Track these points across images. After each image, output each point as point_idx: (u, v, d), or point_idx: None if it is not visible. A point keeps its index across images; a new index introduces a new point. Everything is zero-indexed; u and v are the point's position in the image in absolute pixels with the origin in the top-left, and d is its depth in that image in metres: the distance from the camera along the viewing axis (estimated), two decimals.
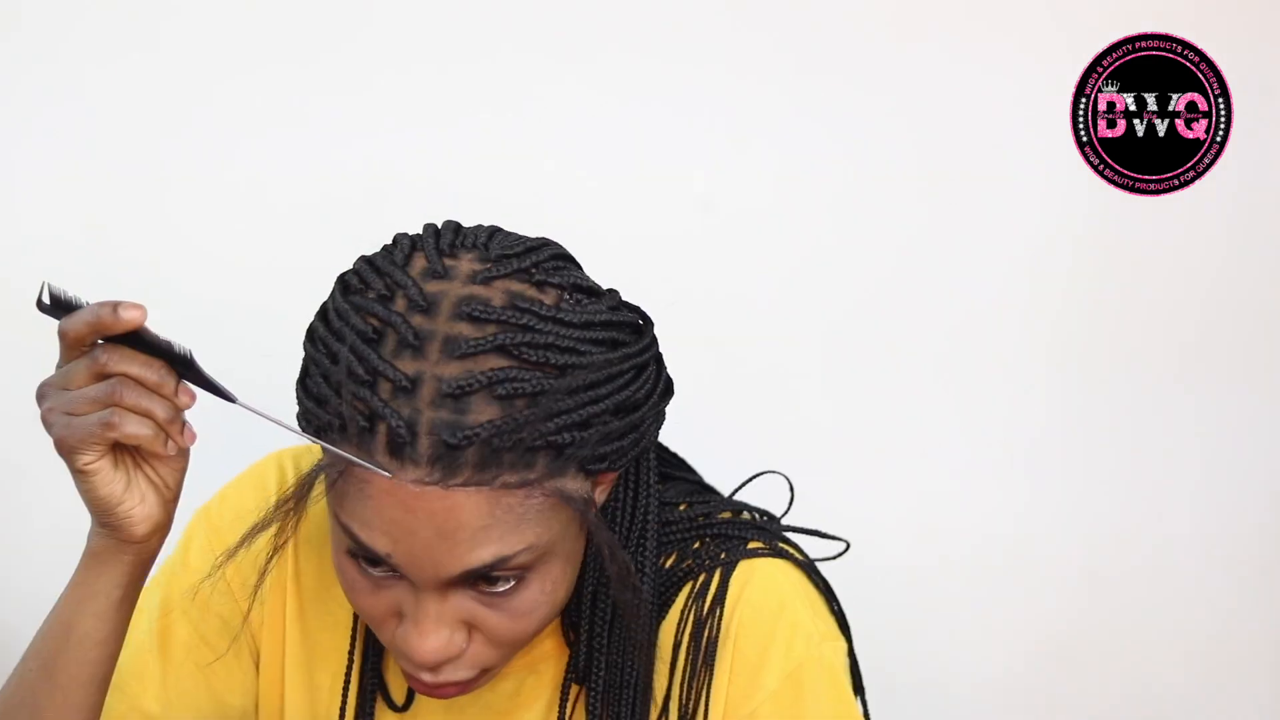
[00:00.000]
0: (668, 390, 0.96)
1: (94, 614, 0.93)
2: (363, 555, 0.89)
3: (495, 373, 0.84)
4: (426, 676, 0.93)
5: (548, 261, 0.91)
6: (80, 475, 0.88)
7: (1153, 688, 1.59)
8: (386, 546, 0.87)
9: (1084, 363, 1.53)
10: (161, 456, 0.89)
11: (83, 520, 1.54)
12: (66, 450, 0.87)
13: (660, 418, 0.96)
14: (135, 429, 0.85)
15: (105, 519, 0.90)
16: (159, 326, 0.84)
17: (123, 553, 0.92)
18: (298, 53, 1.47)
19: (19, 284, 1.49)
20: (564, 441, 0.86)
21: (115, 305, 0.83)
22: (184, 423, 0.88)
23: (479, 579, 0.89)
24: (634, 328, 0.94)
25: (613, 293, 0.94)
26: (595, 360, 0.88)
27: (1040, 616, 1.57)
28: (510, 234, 0.94)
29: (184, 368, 0.86)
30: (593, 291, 0.92)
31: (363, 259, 0.92)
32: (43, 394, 0.88)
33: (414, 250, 0.91)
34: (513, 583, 0.90)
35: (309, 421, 0.90)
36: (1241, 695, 1.59)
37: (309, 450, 1.10)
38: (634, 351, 0.92)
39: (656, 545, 1.01)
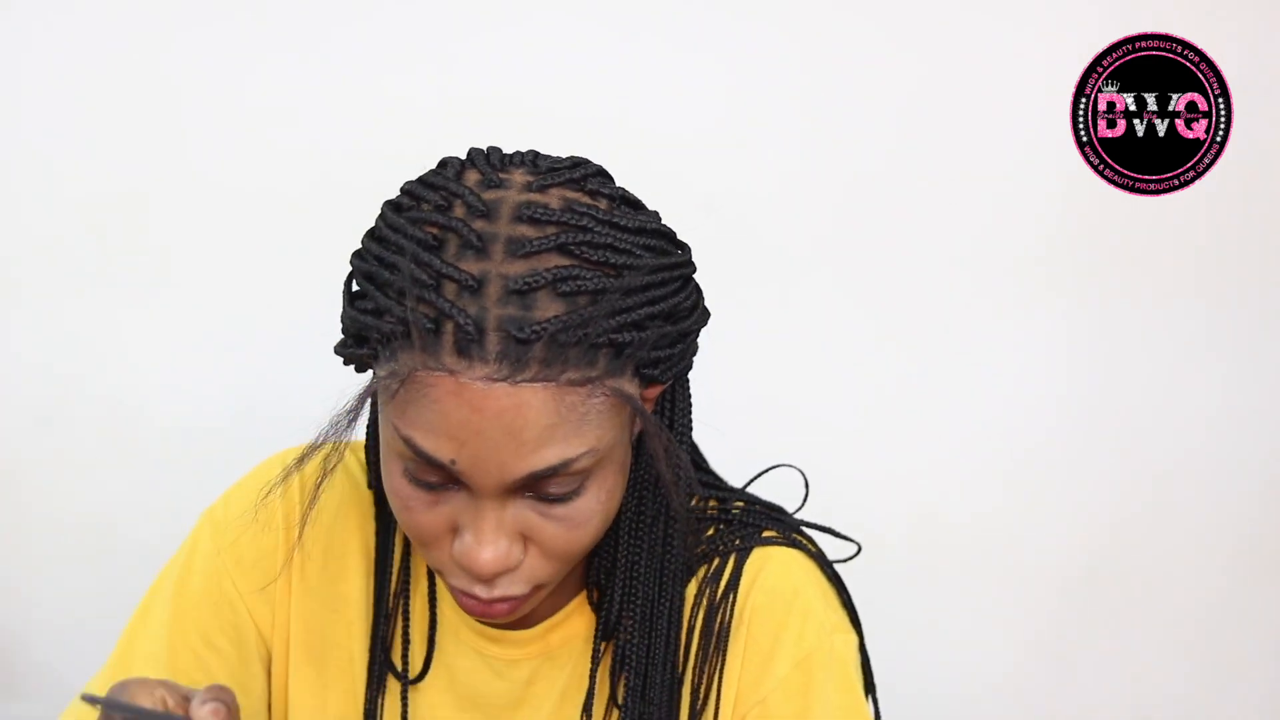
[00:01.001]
0: (706, 311, 0.97)
1: None
2: (420, 467, 0.89)
3: (559, 270, 0.86)
4: (481, 591, 0.92)
5: (594, 175, 0.93)
6: None
7: (1152, 686, 1.59)
8: (452, 451, 0.87)
9: (1084, 362, 1.53)
10: None
11: (84, 521, 1.55)
12: None
13: (696, 345, 0.97)
14: None
15: None
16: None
17: None
18: (295, 47, 1.47)
19: (19, 279, 1.49)
20: (624, 340, 0.87)
21: None
22: None
23: (538, 485, 0.89)
24: (676, 241, 0.95)
25: (654, 212, 0.96)
26: (649, 264, 0.90)
27: (1039, 615, 1.57)
28: (551, 155, 0.96)
29: None
30: (638, 205, 0.95)
31: (411, 182, 0.93)
32: None
33: (463, 169, 0.92)
34: (571, 490, 0.90)
35: (363, 340, 0.89)
36: (1240, 694, 1.59)
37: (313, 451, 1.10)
38: (681, 260, 0.93)
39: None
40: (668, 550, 1.01)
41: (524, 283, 0.85)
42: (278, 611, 1.07)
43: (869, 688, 1.08)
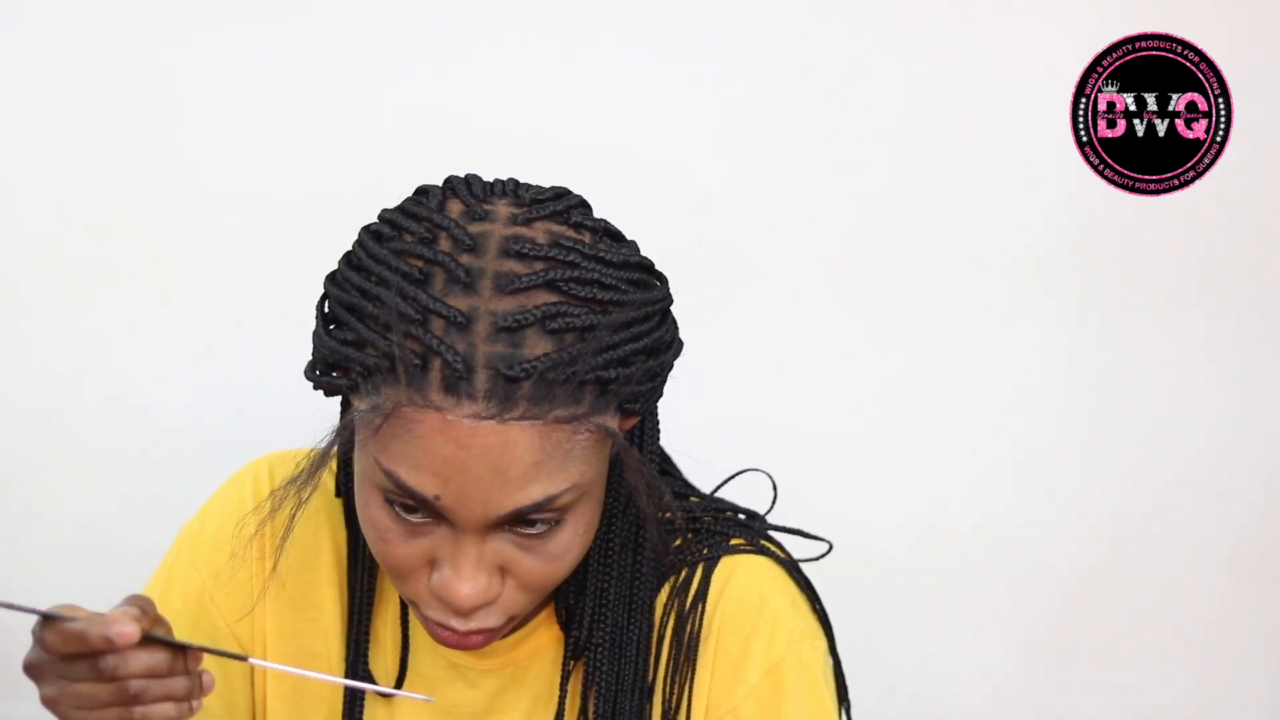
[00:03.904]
0: (681, 343, 0.97)
1: None
2: (403, 501, 0.89)
3: (548, 307, 0.86)
4: (457, 624, 0.92)
5: (577, 207, 0.93)
6: None
7: (1152, 693, 1.59)
8: (436, 487, 0.87)
9: (1083, 363, 1.52)
10: None
11: (83, 521, 1.55)
12: None
13: (669, 369, 0.97)
14: (162, 715, 0.85)
15: None
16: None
17: None
18: (295, 47, 1.47)
19: (19, 279, 1.49)
20: (610, 377, 0.87)
21: (107, 628, 0.82)
22: (200, 674, 0.87)
23: (520, 520, 0.89)
24: (656, 273, 0.95)
25: (633, 242, 0.96)
26: (634, 299, 0.90)
27: (1038, 618, 1.57)
28: (531, 184, 0.96)
29: (181, 649, 0.86)
30: (619, 236, 0.95)
31: (392, 210, 0.92)
32: (39, 675, 0.87)
33: (445, 199, 0.92)
34: (551, 524, 0.90)
35: (339, 369, 0.89)
36: (1241, 702, 1.59)
37: (284, 459, 1.09)
38: (661, 294, 0.93)
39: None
40: (637, 575, 1.01)
41: (513, 319, 0.85)
42: (256, 625, 1.07)
43: (840, 692, 1.07)
